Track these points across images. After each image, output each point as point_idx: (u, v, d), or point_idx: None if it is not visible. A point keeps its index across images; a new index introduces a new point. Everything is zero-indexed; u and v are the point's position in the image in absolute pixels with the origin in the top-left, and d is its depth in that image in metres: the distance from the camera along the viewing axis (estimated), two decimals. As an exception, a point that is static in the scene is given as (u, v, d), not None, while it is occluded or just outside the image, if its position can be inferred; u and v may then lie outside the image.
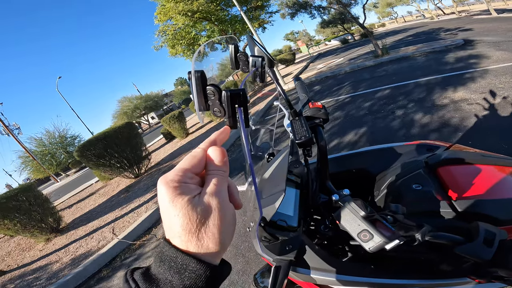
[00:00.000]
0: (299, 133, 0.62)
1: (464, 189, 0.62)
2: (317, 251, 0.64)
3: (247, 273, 1.94)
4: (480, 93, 3.31)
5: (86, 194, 7.73)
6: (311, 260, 0.63)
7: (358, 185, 0.84)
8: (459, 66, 4.88)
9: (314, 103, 0.78)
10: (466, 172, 0.66)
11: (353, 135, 3.44)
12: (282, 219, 0.58)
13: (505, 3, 23.16)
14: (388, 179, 0.75)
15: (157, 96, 32.28)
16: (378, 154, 0.88)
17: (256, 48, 0.64)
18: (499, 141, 2.23)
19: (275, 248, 0.53)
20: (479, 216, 0.58)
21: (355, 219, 0.46)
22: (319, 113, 0.74)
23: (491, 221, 0.55)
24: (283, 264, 0.52)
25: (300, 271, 0.64)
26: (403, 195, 0.67)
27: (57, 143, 19.60)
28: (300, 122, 0.65)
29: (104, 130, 5.70)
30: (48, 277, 3.02)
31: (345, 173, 0.87)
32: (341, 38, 28.40)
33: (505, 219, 0.56)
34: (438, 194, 0.64)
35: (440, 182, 0.66)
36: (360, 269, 0.62)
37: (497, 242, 0.41)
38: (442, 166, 0.69)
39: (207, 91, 0.36)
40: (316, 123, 0.72)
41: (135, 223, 3.41)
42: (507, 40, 6.26)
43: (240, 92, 0.36)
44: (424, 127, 2.94)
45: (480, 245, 0.42)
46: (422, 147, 0.82)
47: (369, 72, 7.16)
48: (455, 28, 11.78)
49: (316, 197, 0.70)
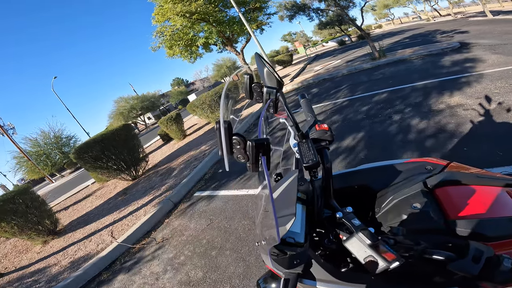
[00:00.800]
0: (307, 157, 0.65)
1: (458, 209, 0.67)
2: (322, 264, 0.68)
3: (248, 277, 1.96)
4: (476, 98, 3.36)
5: (82, 195, 7.68)
6: (316, 272, 0.67)
7: (360, 201, 0.88)
8: (455, 70, 4.94)
9: (321, 125, 0.81)
10: (461, 193, 0.71)
11: (351, 140, 3.48)
12: (291, 236, 0.61)
13: (501, 4, 23.42)
14: (389, 197, 0.79)
15: (153, 97, 32.18)
16: (379, 171, 0.92)
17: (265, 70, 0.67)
18: (494, 148, 2.27)
19: (284, 262, 0.57)
20: (470, 234, 0.63)
21: (362, 247, 0.52)
22: (325, 136, 0.78)
23: (481, 239, 0.61)
24: (292, 277, 0.57)
25: (306, 283, 0.68)
26: (402, 214, 0.72)
27: (52, 144, 19.44)
28: (307, 145, 0.68)
29: (101, 132, 5.68)
30: (48, 280, 3.01)
31: (348, 189, 0.91)
32: (338, 40, 28.57)
33: (493, 236, 0.62)
34: (435, 214, 0.68)
35: (437, 202, 0.71)
36: (361, 279, 0.66)
37: (484, 259, 0.47)
38: (439, 187, 0.74)
39: (233, 141, 0.40)
40: (322, 146, 0.76)
41: (134, 227, 3.41)
42: (502, 43, 6.35)
43: (264, 142, 0.41)
44: (421, 133, 2.98)
45: (469, 262, 0.47)
46: (421, 166, 0.86)
47: (367, 75, 7.23)
48: (451, 31, 11.91)
49: (320, 213, 0.74)
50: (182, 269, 2.37)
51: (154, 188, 4.75)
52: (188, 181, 4.26)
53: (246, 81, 0.65)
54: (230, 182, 3.77)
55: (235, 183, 3.69)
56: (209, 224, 2.92)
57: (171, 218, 3.49)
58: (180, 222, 3.27)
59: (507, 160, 2.09)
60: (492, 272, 0.46)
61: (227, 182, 3.84)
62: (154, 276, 2.45)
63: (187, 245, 2.71)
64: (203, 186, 4.10)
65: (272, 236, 0.54)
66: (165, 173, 5.47)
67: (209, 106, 7.95)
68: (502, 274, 0.46)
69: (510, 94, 3.17)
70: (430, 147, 2.65)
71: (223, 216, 2.96)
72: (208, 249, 2.49)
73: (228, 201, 3.26)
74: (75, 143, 20.78)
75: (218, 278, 2.08)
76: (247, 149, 0.42)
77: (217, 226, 2.81)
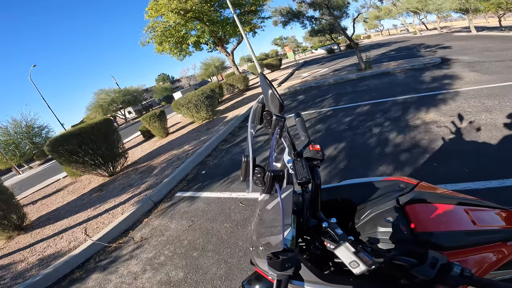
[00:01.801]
0: (301, 174, 0.74)
1: (423, 223, 0.81)
2: (309, 267, 0.79)
3: (230, 279, 1.98)
4: (450, 116, 3.62)
5: (52, 189, 7.26)
6: (304, 274, 0.78)
7: (342, 212, 0.99)
8: (434, 86, 5.28)
9: (314, 145, 0.93)
10: (426, 210, 0.86)
11: (333, 150, 3.62)
12: (284, 243, 0.68)
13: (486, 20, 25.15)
14: (367, 210, 0.92)
15: (136, 91, 31.18)
16: (359, 187, 1.06)
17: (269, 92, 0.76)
18: (461, 165, 2.47)
19: (277, 265, 0.65)
20: (431, 244, 0.76)
21: (348, 253, 0.62)
22: (317, 155, 0.89)
23: (439, 248, 0.74)
24: (283, 278, 0.66)
25: (295, 283, 0.79)
26: (378, 226, 0.85)
27: (23, 133, 18.21)
28: (301, 164, 0.77)
29: (80, 126, 5.43)
30: (13, 277, 2.84)
31: (332, 201, 1.02)
32: (328, 48, 29.38)
33: (448, 246, 0.76)
34: (403, 227, 0.82)
35: (406, 217, 0.85)
36: (342, 281, 0.78)
37: (439, 265, 0.57)
38: (409, 204, 0.88)
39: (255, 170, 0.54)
40: (314, 164, 0.86)
41: (111, 225, 3.30)
42: (481, 61, 6.83)
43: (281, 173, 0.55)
44: (397, 147, 3.17)
45: (427, 267, 0.57)
46: (395, 184, 1.01)
47: (352, 86, 7.53)
48: (435, 45, 12.63)
49: (308, 222, 0.83)
50: (162, 269, 2.34)
51: (133, 186, 4.62)
52: (170, 181, 4.19)
53: (259, 109, 0.77)
54: (213, 184, 3.77)
55: (218, 185, 3.69)
56: (190, 225, 2.90)
57: (150, 217, 3.42)
58: (160, 222, 3.21)
59: (472, 176, 2.29)
60: (445, 277, 0.56)
61: (210, 184, 3.83)
62: (132, 275, 2.39)
63: (168, 245, 2.67)
64: (185, 187, 4.05)
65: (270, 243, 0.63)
66: (145, 171, 5.33)
67: (195, 105, 7.88)
68: (453, 279, 0.55)
69: (481, 114, 3.45)
70: (404, 161, 2.84)
71: (205, 218, 2.95)
72: (190, 250, 2.47)
73: (210, 203, 3.25)
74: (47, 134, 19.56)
75: (199, 279, 2.08)
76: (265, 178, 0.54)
77: (199, 228, 2.80)
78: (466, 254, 0.78)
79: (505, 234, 0.84)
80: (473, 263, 0.77)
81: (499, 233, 0.83)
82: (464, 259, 0.77)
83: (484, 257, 0.80)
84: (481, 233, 0.81)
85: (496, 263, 0.81)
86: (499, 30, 15.21)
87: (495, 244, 0.82)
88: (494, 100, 3.80)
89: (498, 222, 0.88)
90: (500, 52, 7.83)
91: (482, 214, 0.87)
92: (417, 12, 28.20)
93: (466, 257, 0.77)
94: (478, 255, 0.79)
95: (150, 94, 41.98)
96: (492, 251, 0.81)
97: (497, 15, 17.45)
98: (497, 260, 0.81)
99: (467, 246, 0.78)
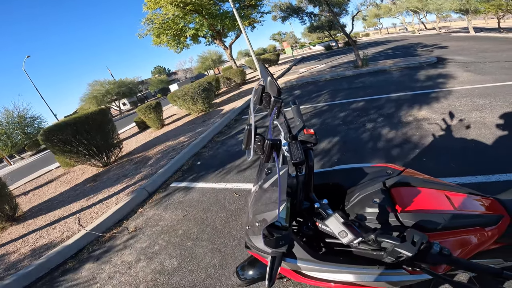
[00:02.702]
0: (295, 155, 0.78)
1: (406, 205, 0.86)
2: (302, 246, 0.84)
3: (223, 267, 2.03)
4: (441, 114, 3.69)
5: (44, 180, 7.18)
6: (297, 252, 0.83)
7: (334, 196, 1.04)
8: (428, 85, 5.35)
9: (308, 130, 0.98)
10: (409, 193, 0.91)
11: (328, 143, 3.67)
12: (278, 221, 0.74)
13: (486, 21, 25.15)
14: (356, 193, 0.96)
15: (132, 83, 30.69)
16: (350, 172, 1.12)
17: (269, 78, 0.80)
18: (449, 161, 2.55)
19: (271, 242, 0.69)
20: (414, 224, 0.81)
21: (337, 224, 0.67)
22: (310, 139, 0.94)
23: (420, 229, 0.78)
24: (278, 255, 0.71)
25: (288, 261, 0.84)
26: (366, 207, 0.89)
27: (15, 123, 17.79)
28: (296, 146, 0.81)
29: (74, 116, 5.36)
30: (6, 268, 2.83)
31: (325, 185, 1.07)
32: (326, 44, 29.30)
33: (429, 227, 0.80)
34: (389, 208, 0.86)
35: (391, 199, 0.90)
36: (333, 259, 0.83)
37: (420, 243, 0.60)
38: (394, 187, 0.93)
39: (256, 138, 0.59)
40: (308, 147, 0.91)
41: (105, 215, 3.31)
42: (476, 61, 6.92)
43: (278, 142, 0.60)
44: (389, 142, 3.24)
45: (408, 245, 0.61)
46: (383, 170, 1.07)
47: (348, 82, 7.58)
48: (432, 45, 12.68)
49: (301, 204, 0.88)
50: (156, 258, 2.38)
51: (128, 176, 4.61)
52: (165, 171, 4.20)
53: (259, 89, 0.82)
54: (208, 175, 3.79)
55: (213, 176, 3.72)
56: (185, 215, 2.93)
57: (145, 207, 3.44)
58: (155, 212, 3.24)
59: (459, 171, 2.37)
60: (425, 254, 0.60)
61: (205, 174, 3.86)
62: (126, 265, 2.42)
63: (162, 235, 2.70)
64: (180, 177, 4.07)
65: (266, 220, 0.67)
66: (140, 161, 5.32)
67: (192, 98, 7.84)
68: (432, 256, 0.59)
69: (472, 112, 3.53)
70: (395, 155, 2.91)
71: (200, 208, 2.98)
72: (184, 240, 2.51)
73: (205, 194, 3.29)
74: (39, 124, 19.21)
75: (193, 267, 2.12)
76: (265, 146, 0.59)
77: (193, 217, 2.84)
78: (446, 236, 0.82)
79: (483, 219, 0.88)
80: (452, 245, 0.81)
81: (477, 218, 0.87)
82: (444, 241, 0.81)
83: (463, 240, 0.84)
84: (460, 216, 0.84)
85: (475, 247, 0.85)
86: (497, 31, 15.32)
87: (473, 228, 0.86)
88: (485, 100, 3.88)
89: (477, 207, 0.92)
90: (495, 53, 7.92)
91: (463, 199, 0.92)
92: (417, 12, 28.17)
93: (446, 238, 0.82)
94: (458, 238, 0.83)
95: (146, 86, 41.39)
96: (470, 235, 0.85)
97: (497, 16, 17.50)
98: (476, 244, 0.84)
99: (447, 228, 0.82)
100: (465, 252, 0.83)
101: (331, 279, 0.85)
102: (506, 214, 0.93)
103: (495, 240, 0.90)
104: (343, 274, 0.82)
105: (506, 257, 1.04)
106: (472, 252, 0.85)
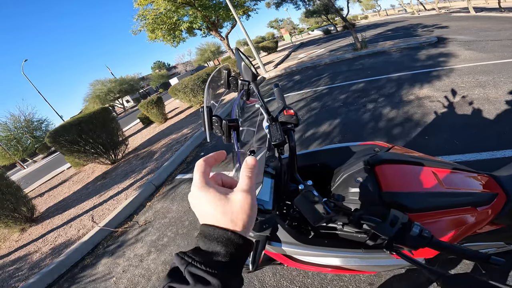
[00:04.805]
0: (275, 136, 0.76)
1: (390, 184, 0.81)
2: (287, 230, 0.82)
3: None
4: (443, 91, 3.61)
5: (57, 181, 7.41)
6: (282, 236, 0.82)
7: (321, 177, 1.02)
8: (429, 64, 5.22)
9: (288, 110, 0.94)
10: (394, 171, 0.85)
11: (328, 126, 3.66)
12: (260, 204, 0.70)
13: (486, 1, 23.84)
14: (341, 173, 0.93)
15: (132, 80, 30.75)
16: (337, 151, 1.07)
17: (242, 64, 0.78)
18: (452, 138, 2.51)
19: (255, 226, 0.65)
20: (395, 204, 0.75)
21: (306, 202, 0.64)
22: (291, 119, 0.90)
23: (403, 209, 0.72)
24: (261, 239, 0.69)
25: (273, 245, 0.83)
26: (349, 187, 0.85)
27: (22, 128, 18.24)
28: (276, 127, 0.80)
29: (78, 116, 5.47)
30: (30, 267, 2.98)
31: (312, 166, 1.05)
32: (324, 29, 28.50)
33: (413, 207, 0.74)
34: (371, 187, 0.81)
35: (375, 177, 0.84)
36: (317, 243, 0.81)
37: (400, 224, 0.57)
38: (378, 165, 0.87)
39: (213, 120, 0.58)
40: (288, 128, 0.88)
41: (116, 211, 3.43)
42: (477, 40, 6.68)
43: (235, 121, 0.58)
44: (390, 121, 3.21)
45: (387, 226, 0.57)
46: (370, 148, 1.02)
47: (347, 65, 7.42)
48: (432, 25, 12.24)
49: (287, 186, 0.86)
50: (165, 250, 2.47)
51: (135, 171, 4.73)
52: (169, 164, 4.29)
53: (225, 74, 0.80)
54: (212, 166, 3.85)
55: (216, 166, 3.77)
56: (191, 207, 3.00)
57: (153, 201, 3.54)
58: (162, 204, 3.34)
59: (463, 149, 2.33)
60: (404, 236, 0.55)
61: (209, 166, 3.91)
62: (138, 258, 2.52)
63: (170, 227, 2.80)
64: (185, 169, 4.15)
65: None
66: (146, 156, 5.42)
67: (192, 90, 7.84)
68: (411, 239, 0.54)
69: (475, 89, 3.44)
70: (396, 134, 2.88)
71: (205, 199, 3.05)
72: (191, 230, 2.60)
73: (210, 185, 3.35)
74: (47, 127, 19.60)
75: (200, 255, 2.21)
76: (222, 126, 0.59)
77: (199, 209, 2.91)
78: (432, 216, 0.75)
79: (474, 198, 0.80)
80: (440, 227, 0.74)
81: (468, 196, 0.80)
82: (430, 222, 0.74)
83: (452, 221, 0.75)
84: (448, 195, 0.78)
85: (467, 230, 0.76)
86: (498, 11, 14.55)
87: (464, 208, 0.78)
88: (488, 76, 3.77)
89: (469, 185, 0.85)
90: (497, 32, 7.59)
91: (452, 176, 0.85)
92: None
93: (432, 219, 0.75)
94: (445, 218, 0.75)
95: (147, 82, 41.44)
96: (460, 215, 0.77)
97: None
98: (467, 226, 0.76)
99: (432, 208, 0.76)
100: (455, 235, 0.74)
101: (319, 263, 0.82)
102: (502, 192, 0.85)
103: (491, 221, 0.82)
104: (328, 258, 0.80)
105: (508, 239, 0.95)
106: (464, 234, 0.77)
